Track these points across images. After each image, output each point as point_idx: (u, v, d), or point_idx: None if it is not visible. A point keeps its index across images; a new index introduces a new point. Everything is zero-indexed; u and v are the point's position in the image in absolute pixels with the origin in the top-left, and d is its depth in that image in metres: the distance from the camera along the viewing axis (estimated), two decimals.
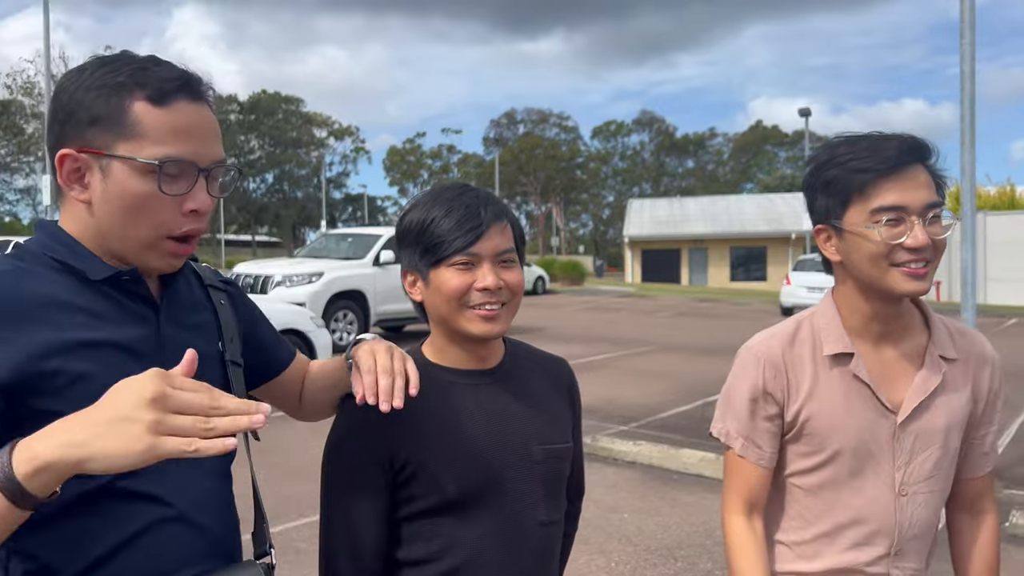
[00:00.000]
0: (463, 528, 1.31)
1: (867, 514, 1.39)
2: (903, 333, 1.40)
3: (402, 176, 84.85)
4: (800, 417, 1.40)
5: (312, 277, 11.83)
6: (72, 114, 1.06)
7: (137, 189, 1.05)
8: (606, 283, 40.68)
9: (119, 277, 1.09)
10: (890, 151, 1.29)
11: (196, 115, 1.09)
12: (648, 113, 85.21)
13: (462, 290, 1.29)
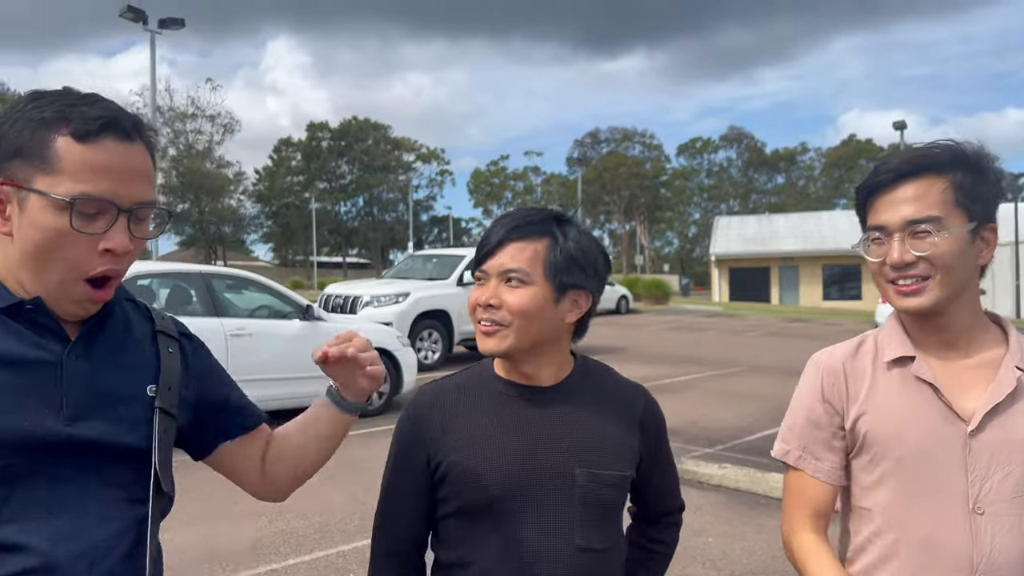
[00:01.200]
0: (487, 537, 1.33)
1: (937, 534, 1.28)
2: (971, 345, 1.34)
3: (486, 198, 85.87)
4: (859, 425, 1.35)
5: (399, 297, 12.10)
6: (2, 144, 1.05)
7: (50, 224, 1.03)
8: (692, 302, 39.99)
9: (22, 306, 1.06)
10: (891, 168, 1.30)
11: (122, 155, 1.06)
12: (736, 129, 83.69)
13: (473, 305, 1.36)
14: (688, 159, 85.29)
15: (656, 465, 1.48)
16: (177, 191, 56.11)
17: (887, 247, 1.29)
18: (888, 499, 1.33)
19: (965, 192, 1.28)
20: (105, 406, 1.09)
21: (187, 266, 8.88)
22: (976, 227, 1.29)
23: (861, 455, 1.37)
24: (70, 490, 1.04)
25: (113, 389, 1.11)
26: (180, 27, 18.37)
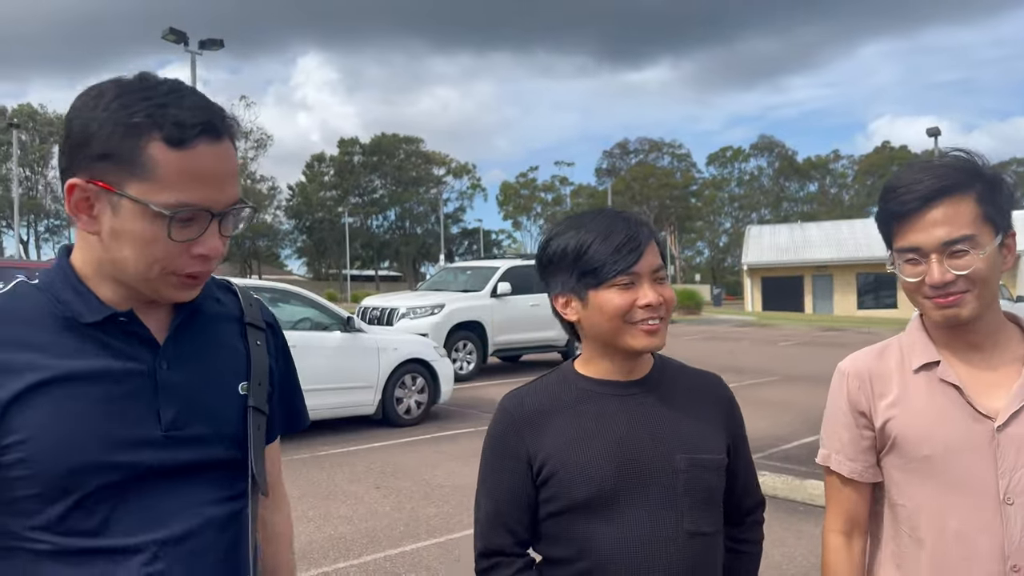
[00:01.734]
0: (599, 531, 1.35)
1: (971, 526, 1.35)
2: (994, 346, 1.41)
3: (515, 210, 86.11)
4: (889, 426, 1.43)
5: (434, 309, 12.26)
6: (84, 144, 1.01)
7: (145, 232, 1.01)
8: (724, 312, 39.71)
9: (115, 319, 1.06)
10: (917, 192, 1.34)
11: (215, 158, 1.03)
12: (767, 138, 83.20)
13: (625, 308, 1.35)
14: (718, 168, 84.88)
15: (739, 454, 1.51)
16: None
17: (924, 267, 1.35)
18: (921, 495, 1.40)
19: (989, 206, 1.35)
20: (199, 410, 1.10)
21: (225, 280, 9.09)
22: (1002, 238, 1.37)
23: (892, 454, 1.44)
24: (172, 493, 1.07)
25: (206, 392, 1.12)
26: (219, 48, 18.84)
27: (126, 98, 1.00)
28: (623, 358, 1.42)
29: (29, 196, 64.55)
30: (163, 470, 1.06)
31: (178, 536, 1.06)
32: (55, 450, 0.99)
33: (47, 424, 0.99)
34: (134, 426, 1.04)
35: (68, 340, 1.04)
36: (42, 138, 64.36)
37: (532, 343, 13.53)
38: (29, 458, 0.99)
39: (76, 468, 1.00)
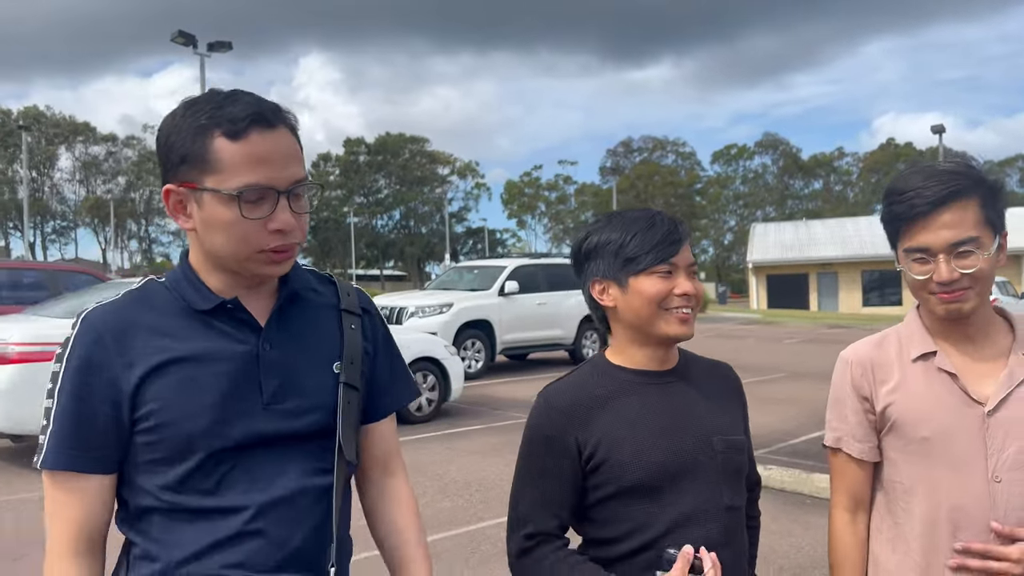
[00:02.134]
0: (653, 512, 1.44)
1: (963, 500, 1.47)
2: (985, 338, 1.54)
3: (520, 209, 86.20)
4: (889, 410, 1.55)
5: (443, 308, 12.39)
6: (168, 155, 1.19)
7: (224, 216, 1.16)
8: (730, 310, 39.77)
9: (223, 306, 1.22)
10: (927, 197, 1.45)
11: (270, 143, 1.16)
12: (771, 135, 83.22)
13: (664, 294, 1.45)
14: (723, 166, 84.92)
15: (748, 435, 1.63)
16: None
17: (932, 266, 1.46)
18: (918, 473, 1.53)
19: (990, 210, 1.47)
20: (297, 385, 1.23)
21: None
22: (999, 239, 1.49)
23: (891, 435, 1.56)
24: (273, 461, 1.21)
25: (303, 370, 1.25)
26: (228, 50, 18.98)
27: (192, 108, 1.18)
28: (656, 346, 1.52)
29: (35, 198, 64.81)
30: (265, 439, 1.20)
31: (276, 500, 1.20)
32: (178, 419, 1.16)
33: (171, 397, 1.16)
34: (241, 399, 1.19)
35: (187, 326, 1.21)
36: (48, 140, 64.55)
37: (539, 341, 13.66)
38: (157, 426, 1.16)
39: (194, 435, 1.16)
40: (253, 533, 1.18)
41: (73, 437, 1.15)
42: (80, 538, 1.16)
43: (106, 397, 1.15)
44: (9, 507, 5.55)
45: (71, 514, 1.16)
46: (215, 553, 1.17)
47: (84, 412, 1.15)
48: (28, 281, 11.61)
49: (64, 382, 1.16)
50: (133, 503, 1.20)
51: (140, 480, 1.19)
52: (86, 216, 67.33)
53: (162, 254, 72.04)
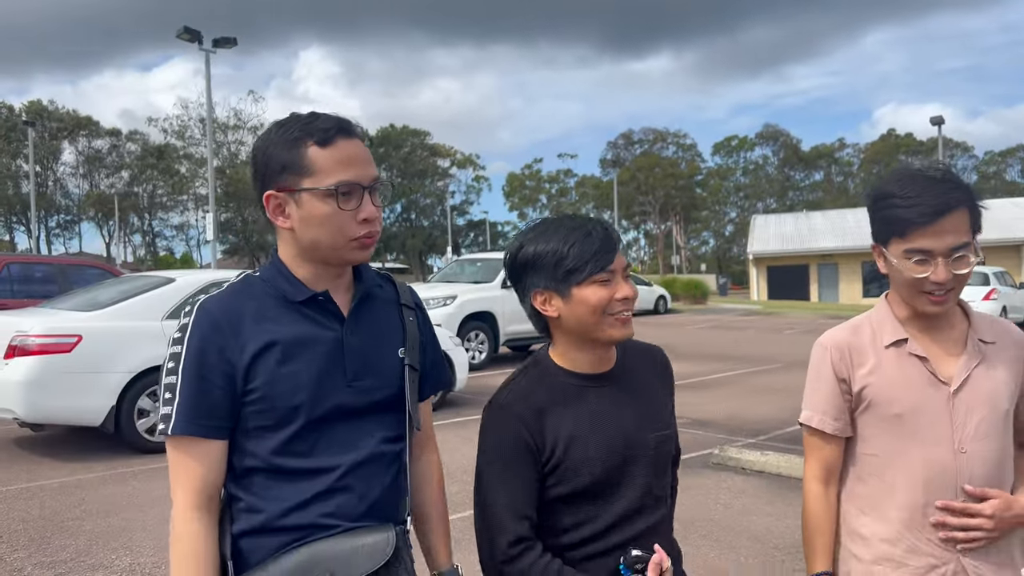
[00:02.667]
0: (601, 507, 1.54)
1: (932, 468, 1.65)
2: (946, 324, 1.72)
3: (521, 201, 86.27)
4: (865, 391, 1.71)
5: (447, 300, 12.57)
6: (268, 165, 1.38)
7: (322, 210, 1.36)
8: (730, 301, 39.94)
9: (315, 299, 1.41)
10: (930, 205, 1.57)
11: (352, 148, 1.39)
12: (771, 127, 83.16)
13: (606, 301, 1.51)
14: (723, 158, 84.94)
15: (673, 414, 1.71)
16: (221, 200, 57.42)
17: (931, 267, 1.59)
18: (893, 446, 1.69)
19: (974, 217, 1.62)
20: (372, 367, 1.44)
21: None
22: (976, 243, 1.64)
23: (867, 413, 1.72)
24: (354, 431, 1.41)
25: (376, 353, 1.46)
26: (232, 46, 19.12)
27: (284, 127, 1.40)
28: (599, 349, 1.58)
29: (39, 192, 64.93)
30: (348, 411, 1.41)
31: (359, 461, 1.41)
32: (284, 392, 1.35)
33: (278, 373, 1.35)
34: (329, 377, 1.39)
35: (285, 313, 1.40)
36: (51, 134, 64.64)
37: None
38: (265, 397, 1.35)
39: (296, 405, 1.36)
40: (342, 488, 1.38)
41: (198, 408, 1.32)
42: (202, 495, 1.33)
43: (223, 373, 1.33)
44: (32, 493, 5.77)
45: (195, 474, 1.33)
46: (312, 505, 1.36)
47: (206, 387, 1.32)
48: (40, 275, 11.80)
49: (187, 362, 1.33)
50: (240, 464, 1.38)
51: (249, 445, 1.37)
52: (90, 210, 67.45)
53: (165, 248, 72.20)
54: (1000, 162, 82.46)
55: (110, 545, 4.66)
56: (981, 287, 19.13)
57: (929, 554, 1.66)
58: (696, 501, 5.57)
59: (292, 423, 1.36)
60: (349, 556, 1.36)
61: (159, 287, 7.47)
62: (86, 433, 7.51)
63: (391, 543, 1.42)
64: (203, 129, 58.41)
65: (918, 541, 1.66)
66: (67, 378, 6.57)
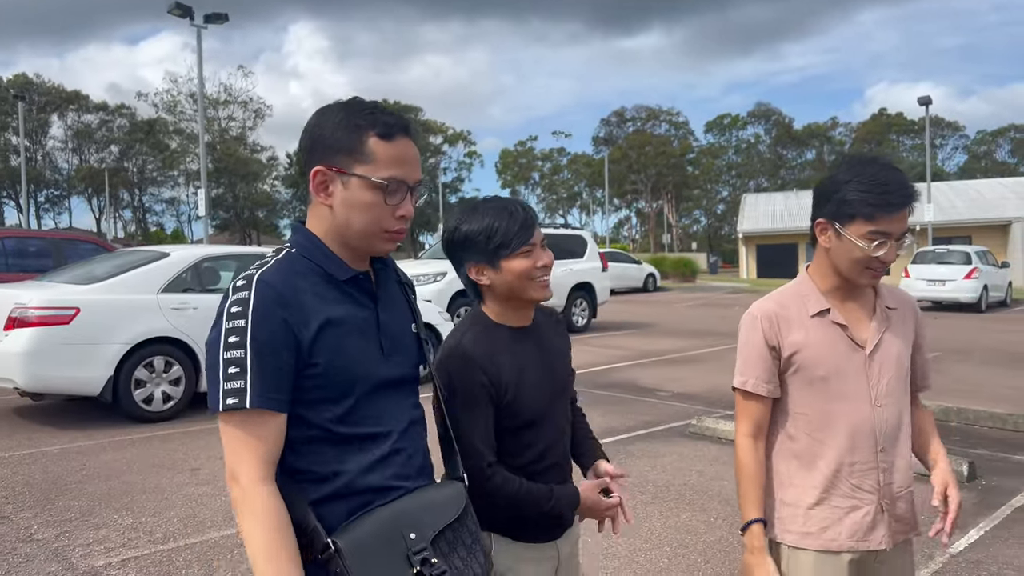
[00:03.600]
0: (536, 435, 1.86)
1: (855, 423, 1.88)
2: (859, 294, 1.95)
3: (513, 178, 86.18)
4: (795, 356, 1.90)
5: (437, 277, 12.78)
6: (324, 142, 1.41)
7: (367, 199, 1.41)
8: (719, 279, 40.25)
9: (356, 278, 1.46)
10: (895, 197, 1.80)
11: (408, 148, 1.44)
12: (764, 105, 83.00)
13: (531, 268, 1.80)
14: (716, 136, 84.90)
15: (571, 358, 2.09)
16: (212, 176, 57.24)
17: (885, 247, 1.81)
18: (819, 405, 1.90)
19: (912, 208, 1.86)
20: (398, 342, 1.51)
21: (249, 248, 9.61)
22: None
23: (796, 376, 1.92)
24: (394, 399, 1.48)
25: (400, 329, 1.54)
26: (224, 21, 19.06)
27: (349, 109, 1.44)
28: (524, 308, 1.89)
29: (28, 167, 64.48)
30: (387, 383, 1.47)
31: (404, 427, 1.49)
32: (341, 366, 1.40)
33: (335, 348, 1.39)
34: (372, 352, 1.46)
35: (330, 291, 1.43)
36: (39, 108, 64.09)
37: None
38: (325, 372, 1.38)
39: (352, 379, 1.41)
40: (397, 452, 1.45)
41: (271, 382, 1.32)
42: (269, 466, 1.33)
43: (289, 346, 1.35)
44: (34, 459, 5.99)
45: (265, 448, 1.32)
46: (376, 470, 1.42)
47: (277, 362, 1.33)
48: (34, 249, 11.95)
49: (255, 336, 1.32)
50: (301, 435, 1.39)
51: (310, 415, 1.38)
52: (79, 185, 67.08)
53: (155, 223, 71.97)
54: (991, 142, 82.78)
55: (112, 506, 4.89)
56: (963, 266, 19.39)
57: (853, 497, 1.89)
58: (673, 467, 5.84)
59: (351, 394, 1.41)
60: (422, 514, 1.42)
61: (154, 261, 7.66)
62: (85, 403, 7.73)
63: (463, 496, 1.52)
64: (193, 104, 58.11)
65: (844, 486, 1.89)
66: (66, 349, 6.78)
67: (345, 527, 1.35)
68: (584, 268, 15.09)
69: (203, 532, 4.43)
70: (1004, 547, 4.30)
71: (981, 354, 11.95)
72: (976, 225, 36.26)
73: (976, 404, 7.77)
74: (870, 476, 1.89)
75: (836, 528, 1.88)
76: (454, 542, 1.45)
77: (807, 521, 1.90)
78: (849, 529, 1.88)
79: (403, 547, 1.37)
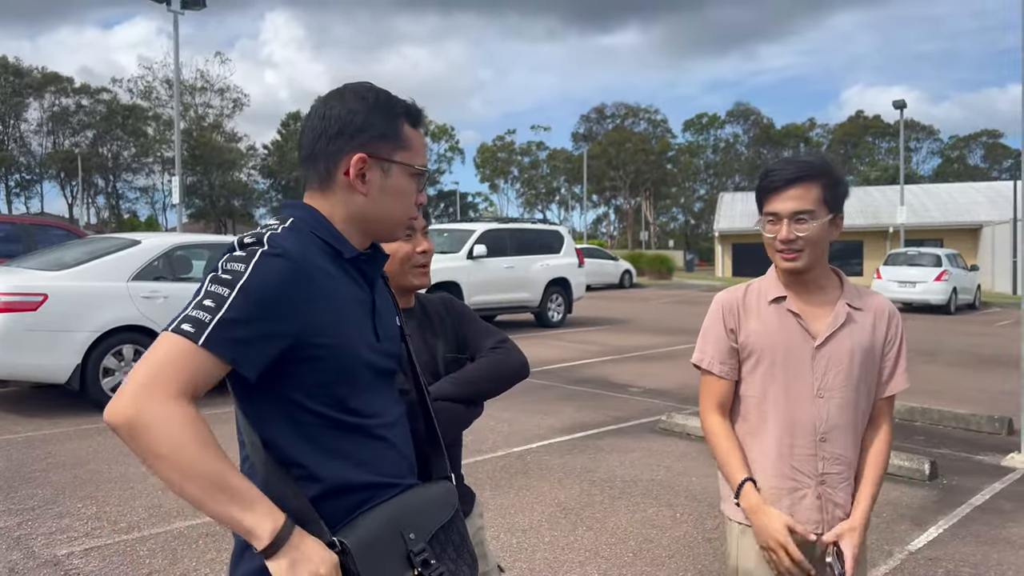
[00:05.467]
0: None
1: (797, 410, 1.95)
2: (820, 288, 2.00)
3: (493, 173, 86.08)
4: (750, 341, 1.99)
5: None
6: (363, 128, 1.37)
7: (407, 186, 1.42)
8: (695, 277, 40.51)
9: (359, 258, 1.40)
10: (781, 177, 1.92)
11: (423, 137, 1.47)
12: (742, 105, 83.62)
13: (410, 253, 1.80)
14: (694, 135, 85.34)
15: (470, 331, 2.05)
16: (187, 164, 56.61)
17: (779, 227, 1.92)
18: (766, 389, 1.98)
19: (828, 193, 1.92)
20: (388, 332, 1.46)
21: (223, 237, 9.54)
22: (832, 217, 1.94)
23: (750, 360, 2.01)
24: (386, 388, 1.43)
25: (390, 318, 1.50)
26: (202, 7, 18.85)
27: (383, 96, 1.41)
28: (404, 294, 1.87)
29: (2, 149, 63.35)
30: (381, 371, 1.41)
31: (396, 416, 1.44)
32: (344, 349, 1.32)
33: (339, 331, 1.31)
34: (370, 339, 1.39)
35: (338, 269, 1.35)
36: (15, 90, 62.92)
37: (506, 303, 14.08)
38: (328, 355, 1.29)
39: (353, 364, 1.33)
40: (392, 446, 1.40)
41: (242, 332, 1.19)
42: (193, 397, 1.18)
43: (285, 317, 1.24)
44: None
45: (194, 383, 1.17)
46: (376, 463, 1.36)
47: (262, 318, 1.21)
48: (2, 234, 11.72)
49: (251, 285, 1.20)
50: (301, 423, 1.30)
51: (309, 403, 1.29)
52: (52, 169, 65.99)
53: (129, 210, 71.00)
54: (964, 147, 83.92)
55: (76, 495, 4.85)
56: (933, 268, 19.68)
57: (793, 479, 1.97)
58: (642, 462, 5.90)
59: (353, 379, 1.34)
60: (421, 512, 1.38)
61: (125, 248, 7.58)
62: (51, 391, 7.64)
63: (455, 496, 1.49)
64: (169, 90, 57.39)
65: (785, 468, 1.97)
66: (33, 336, 6.69)
67: (348, 525, 1.28)
68: (560, 264, 15.13)
69: (168, 522, 4.41)
70: (961, 545, 4.40)
71: (948, 355, 12.17)
72: (948, 228, 36.80)
73: (941, 404, 7.91)
74: (809, 462, 1.96)
75: (777, 507, 1.95)
76: (445, 543, 1.41)
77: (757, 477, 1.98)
78: (788, 509, 1.95)
79: (403, 547, 1.32)
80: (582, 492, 5.15)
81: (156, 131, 63.78)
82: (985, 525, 4.72)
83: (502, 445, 6.19)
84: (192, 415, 1.16)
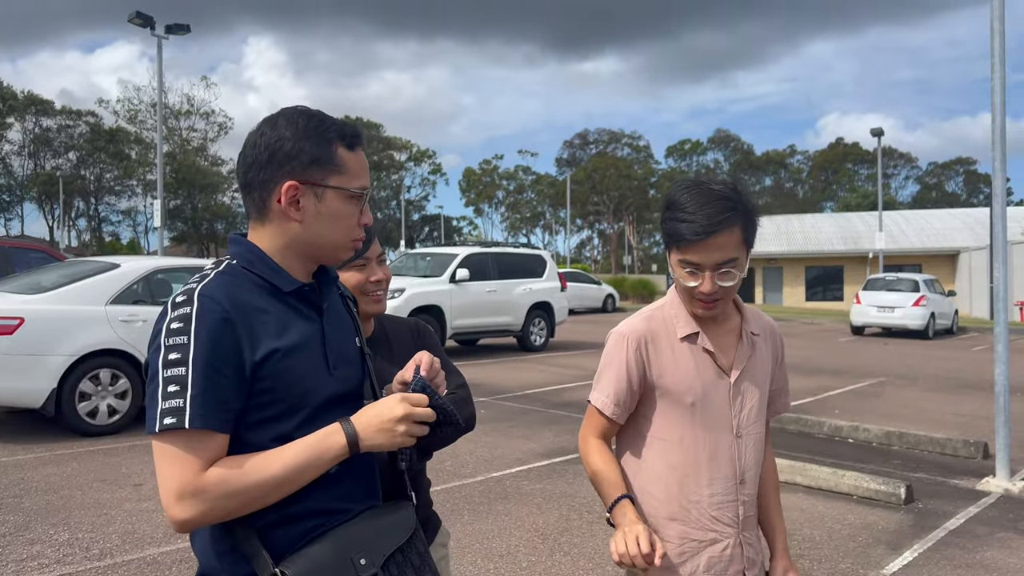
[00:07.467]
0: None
1: (718, 452, 1.79)
2: (725, 321, 1.86)
3: (478, 197, 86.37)
4: (662, 380, 1.79)
5: (395, 293, 12.67)
6: (293, 155, 1.35)
7: (343, 210, 1.40)
8: None
9: (302, 289, 1.39)
10: (701, 225, 1.67)
11: (364, 158, 1.45)
12: (723, 132, 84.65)
13: (363, 282, 1.84)
14: (676, 160, 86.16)
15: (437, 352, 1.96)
16: (170, 187, 56.39)
17: (700, 278, 1.72)
18: (683, 431, 1.79)
19: (747, 232, 1.73)
20: (344, 356, 1.45)
21: (204, 261, 9.50)
22: (747, 252, 1.74)
23: (663, 400, 1.80)
24: (343, 411, 1.39)
25: (345, 344, 1.47)
26: (186, 32, 18.86)
27: (313, 121, 1.39)
28: (362, 320, 1.86)
29: None
30: (334, 399, 1.40)
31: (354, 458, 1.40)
32: (290, 383, 1.33)
33: (283, 365, 1.32)
34: (320, 367, 1.39)
35: (276, 304, 1.36)
36: None
37: (489, 327, 14.08)
38: (273, 389, 1.32)
39: (300, 397, 1.34)
40: (344, 472, 1.37)
41: (215, 401, 1.25)
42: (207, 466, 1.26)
43: (235, 366, 1.27)
44: None
45: (195, 467, 1.24)
46: (324, 491, 1.35)
47: (221, 380, 1.26)
48: None
49: (198, 353, 1.25)
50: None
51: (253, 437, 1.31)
52: (33, 190, 65.47)
53: (111, 233, 70.46)
54: (941, 174, 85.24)
55: (49, 521, 4.78)
56: (911, 294, 19.88)
57: (713, 530, 1.79)
58: None
59: (297, 414, 1.34)
60: (374, 537, 1.37)
61: (104, 272, 7.53)
62: (27, 416, 7.55)
63: (412, 519, 1.45)
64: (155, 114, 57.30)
65: (704, 519, 1.79)
66: (8, 360, 6.62)
67: (295, 555, 1.30)
68: (543, 288, 15.16)
69: (142, 548, 4.36)
70: (936, 569, 4.42)
71: (925, 380, 12.25)
72: (926, 254, 37.25)
73: (918, 428, 7.98)
74: (730, 508, 1.80)
75: (695, 561, 1.78)
76: (403, 564, 1.40)
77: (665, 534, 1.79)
78: (707, 563, 1.78)
79: (352, 573, 1.31)
80: (560, 517, 5.14)
81: (139, 154, 63.55)
82: (960, 549, 4.76)
83: (482, 470, 6.12)
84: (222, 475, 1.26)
